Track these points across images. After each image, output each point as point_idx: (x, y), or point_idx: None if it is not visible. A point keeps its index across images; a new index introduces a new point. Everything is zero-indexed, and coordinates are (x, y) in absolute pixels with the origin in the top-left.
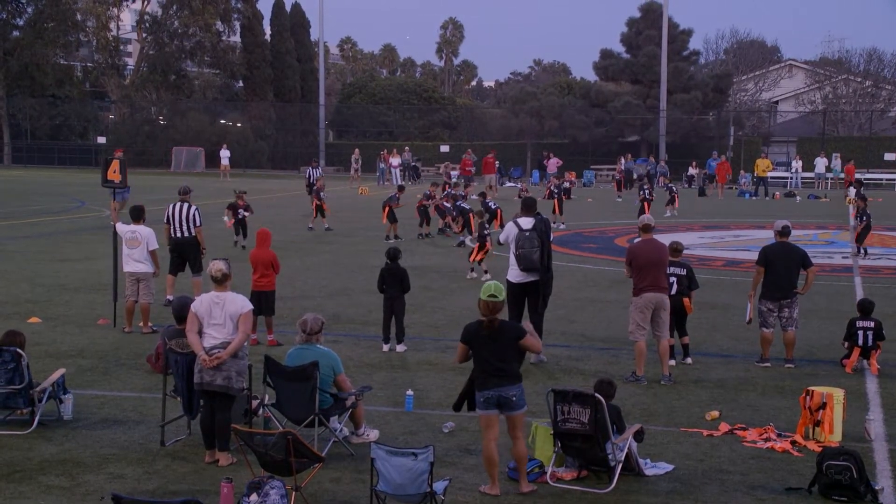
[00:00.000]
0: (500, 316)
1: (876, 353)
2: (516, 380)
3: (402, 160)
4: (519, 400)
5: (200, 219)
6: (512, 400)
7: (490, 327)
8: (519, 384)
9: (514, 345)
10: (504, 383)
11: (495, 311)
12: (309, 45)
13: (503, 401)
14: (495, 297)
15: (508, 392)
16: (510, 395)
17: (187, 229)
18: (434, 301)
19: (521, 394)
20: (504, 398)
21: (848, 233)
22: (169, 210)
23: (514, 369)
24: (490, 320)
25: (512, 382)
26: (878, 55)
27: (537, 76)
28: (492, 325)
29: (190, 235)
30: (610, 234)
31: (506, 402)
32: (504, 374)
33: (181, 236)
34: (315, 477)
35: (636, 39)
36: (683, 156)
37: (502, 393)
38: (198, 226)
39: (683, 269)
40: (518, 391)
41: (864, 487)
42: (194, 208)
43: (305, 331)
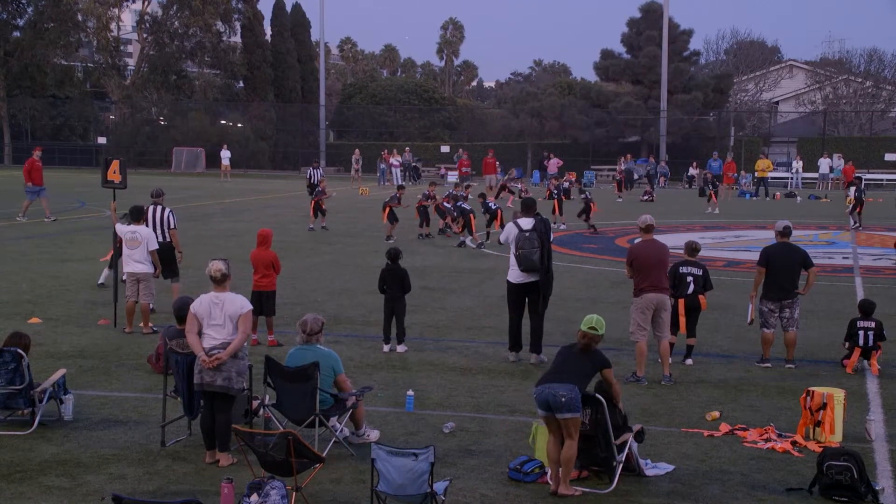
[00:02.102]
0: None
1: (877, 353)
2: (569, 381)
3: (403, 160)
4: (570, 402)
5: (175, 221)
6: (560, 399)
7: (587, 351)
8: (571, 386)
9: (593, 365)
10: (555, 380)
11: (593, 341)
12: (309, 46)
13: (552, 400)
14: (595, 330)
15: (558, 391)
16: (558, 393)
17: (161, 233)
18: (435, 301)
19: (575, 396)
20: (553, 396)
21: (848, 233)
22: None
23: (574, 376)
24: (585, 346)
25: (563, 382)
26: (878, 55)
27: (538, 76)
28: (587, 349)
29: (165, 239)
30: (610, 234)
31: (555, 402)
32: (562, 375)
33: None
34: (315, 477)
35: (637, 40)
36: (684, 156)
37: (551, 391)
38: (172, 228)
39: (700, 269)
40: (569, 393)
41: (864, 488)
42: (168, 210)
43: (306, 331)
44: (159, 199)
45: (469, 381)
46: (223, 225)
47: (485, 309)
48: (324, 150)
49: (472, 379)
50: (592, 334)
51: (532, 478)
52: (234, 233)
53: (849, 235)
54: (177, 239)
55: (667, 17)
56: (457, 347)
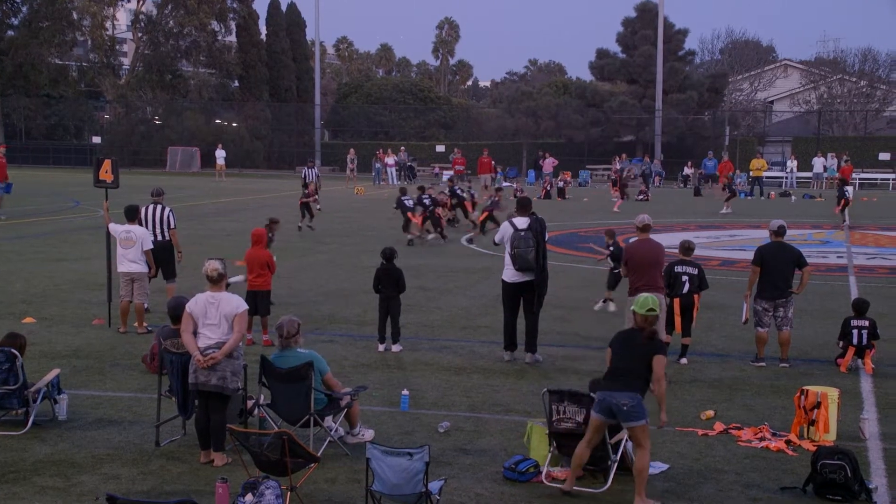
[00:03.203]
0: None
1: (870, 352)
2: (632, 388)
3: (399, 160)
4: (632, 410)
5: (175, 221)
6: (622, 408)
7: (650, 336)
8: (634, 393)
9: (648, 359)
10: (617, 388)
11: (653, 324)
12: (305, 45)
13: (614, 407)
14: (654, 311)
15: (619, 399)
16: (620, 402)
17: (161, 232)
18: (430, 301)
19: (637, 404)
20: (613, 404)
21: (843, 232)
22: (142, 212)
23: (635, 380)
24: (650, 332)
25: (624, 389)
26: (872, 55)
27: (533, 76)
28: (652, 337)
29: (164, 238)
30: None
31: (617, 410)
32: (621, 379)
33: (155, 239)
34: (310, 477)
35: (632, 39)
36: (679, 156)
37: (611, 398)
38: (172, 228)
39: (695, 268)
40: (631, 400)
41: (858, 486)
42: (168, 210)
43: (283, 335)
44: (160, 199)
45: (464, 380)
46: (218, 224)
47: (480, 308)
48: (319, 150)
49: (467, 378)
50: (652, 317)
51: (527, 477)
52: (229, 232)
53: (843, 234)
54: (177, 239)
55: (662, 16)
56: (452, 347)
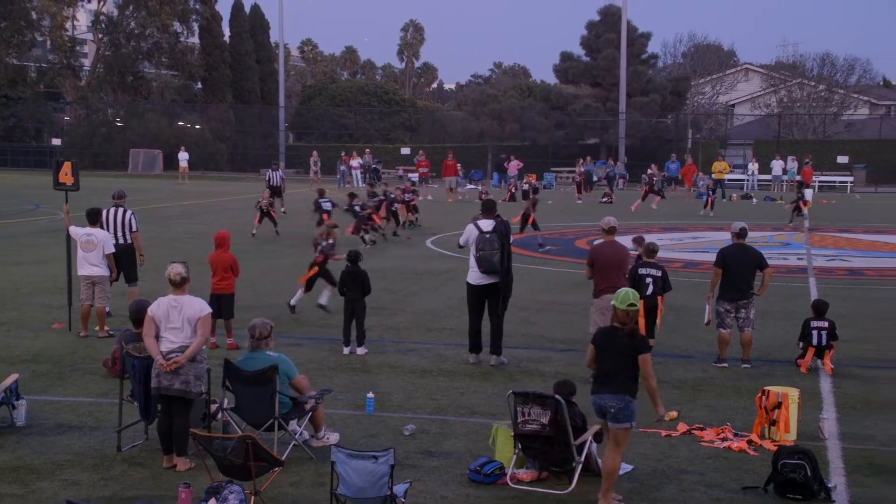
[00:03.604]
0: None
1: (830, 352)
2: (620, 391)
3: (363, 162)
4: (619, 412)
5: (136, 224)
6: (610, 410)
7: (631, 334)
8: (622, 395)
9: (633, 357)
10: (605, 391)
11: (633, 320)
12: (269, 47)
13: (605, 409)
14: (634, 306)
15: (607, 402)
16: (608, 404)
17: (122, 235)
18: (395, 304)
19: (625, 407)
20: (603, 406)
21: (803, 234)
22: (103, 215)
23: (623, 381)
24: (631, 328)
25: (613, 392)
26: (830, 60)
27: (497, 79)
28: (633, 334)
29: (125, 242)
30: (570, 236)
31: (605, 411)
32: (610, 382)
33: (116, 243)
34: (274, 481)
35: (595, 42)
36: (643, 158)
37: (601, 401)
38: (133, 231)
39: (659, 270)
40: (619, 403)
41: (818, 485)
42: (130, 213)
43: (254, 336)
44: (121, 201)
45: (429, 383)
46: (181, 227)
47: (445, 311)
48: (283, 152)
49: (433, 381)
50: (633, 311)
51: (492, 479)
52: (192, 235)
53: (803, 237)
54: (138, 242)
55: (625, 20)
56: (417, 349)
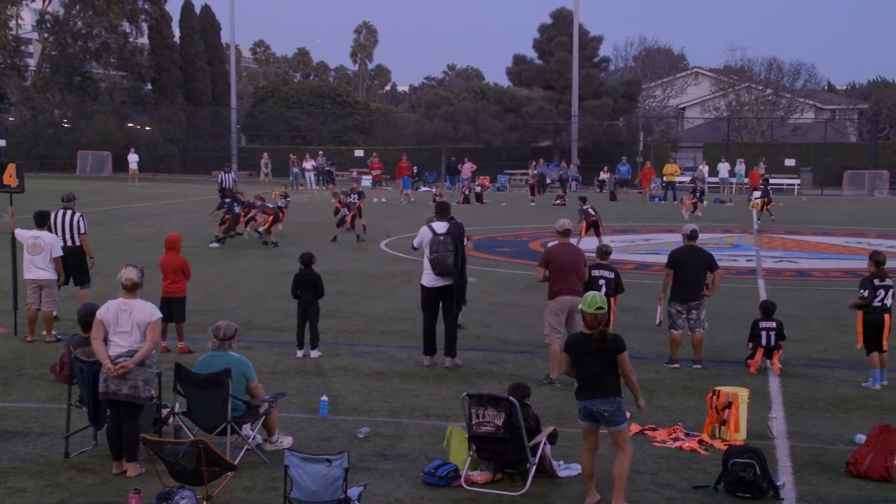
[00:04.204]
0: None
1: (778, 352)
2: (610, 394)
3: (317, 164)
4: (612, 416)
5: (85, 226)
6: (604, 415)
7: (601, 339)
8: (613, 398)
9: (612, 359)
10: (596, 396)
11: (602, 323)
12: (220, 48)
13: (597, 414)
14: (602, 308)
15: (600, 406)
16: (601, 409)
17: (71, 238)
18: (349, 306)
19: (617, 409)
20: (596, 412)
21: (752, 236)
22: (52, 218)
23: (609, 383)
24: (600, 332)
25: (604, 396)
26: (777, 64)
27: (451, 81)
28: (603, 338)
29: (74, 245)
30: (524, 238)
31: (599, 416)
32: (597, 387)
33: (64, 245)
34: (227, 485)
35: (548, 45)
36: (595, 161)
37: (593, 406)
38: (82, 233)
39: (612, 272)
40: (611, 406)
41: (766, 484)
42: (78, 215)
43: (219, 336)
44: (69, 204)
45: (384, 385)
46: (132, 230)
47: (399, 313)
48: (235, 154)
49: (387, 383)
50: (602, 314)
51: (446, 481)
52: (142, 238)
53: (752, 238)
54: (88, 244)
55: (577, 23)
56: (371, 352)
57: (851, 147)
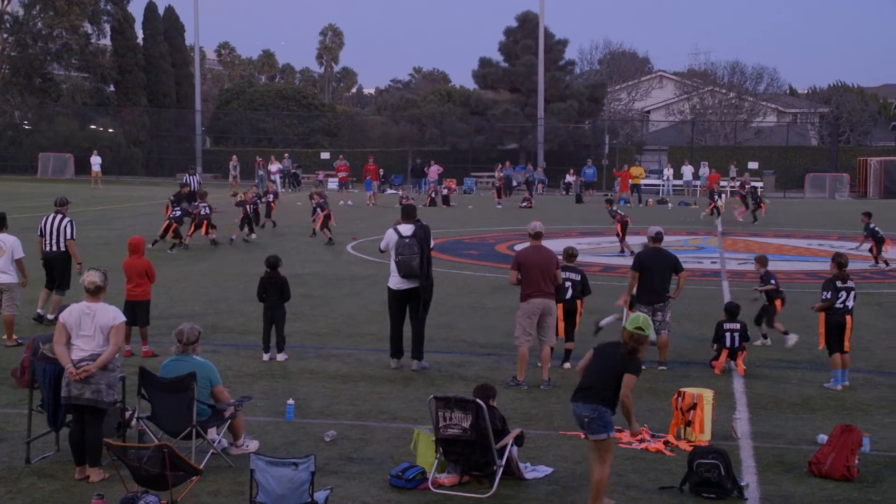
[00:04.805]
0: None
1: (742, 354)
2: (594, 401)
3: (283, 167)
4: (591, 423)
5: (73, 231)
6: (584, 420)
7: (629, 354)
8: (595, 405)
9: (618, 373)
10: (581, 400)
11: (640, 342)
12: (184, 50)
13: (578, 419)
14: (642, 330)
15: (581, 411)
16: (582, 414)
17: (56, 242)
18: (315, 309)
19: (598, 417)
20: (577, 415)
21: (716, 238)
22: (42, 222)
23: (600, 392)
24: (631, 350)
25: (587, 402)
26: (740, 68)
27: (417, 84)
28: (631, 354)
29: (59, 249)
30: (490, 240)
31: (580, 421)
32: (587, 392)
33: (50, 250)
34: (192, 490)
35: (514, 48)
36: (561, 163)
37: (576, 409)
38: (69, 238)
39: (578, 274)
40: (592, 413)
41: (731, 484)
42: (67, 220)
43: (182, 341)
44: (62, 209)
45: (350, 388)
46: (95, 233)
47: (366, 316)
48: (200, 156)
49: (354, 386)
50: (640, 335)
51: (413, 484)
52: (106, 241)
53: (716, 241)
54: (74, 249)
55: (542, 26)
56: (338, 355)
57: (813, 150)
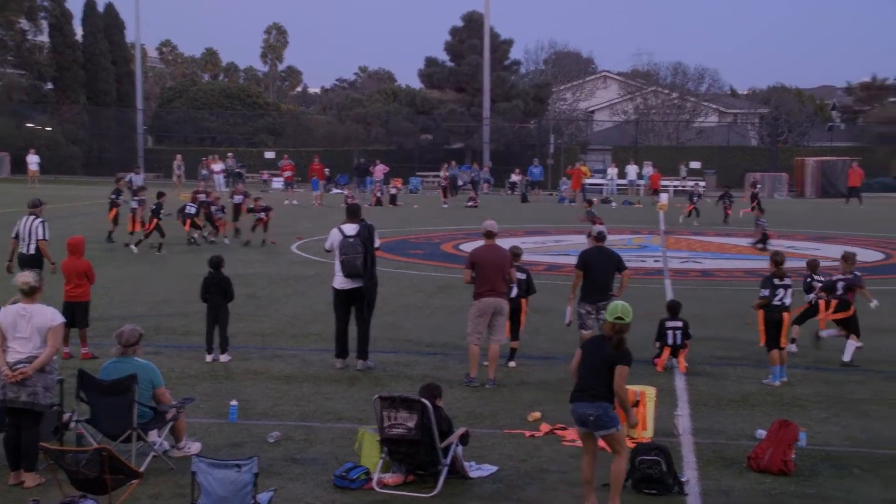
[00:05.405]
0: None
1: (684, 351)
2: (597, 399)
3: (227, 166)
4: (598, 420)
5: (45, 232)
6: (590, 419)
7: (616, 348)
8: (599, 403)
9: (610, 367)
10: (584, 399)
11: (623, 332)
12: (125, 47)
13: (583, 418)
14: (622, 319)
15: (586, 410)
16: (587, 413)
17: (28, 245)
18: (260, 309)
19: (603, 414)
20: (582, 415)
21: (659, 237)
22: (18, 224)
23: (599, 389)
24: (618, 341)
25: (591, 400)
26: (682, 69)
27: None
28: (618, 346)
29: (29, 252)
30: (436, 240)
31: (586, 420)
32: (587, 391)
33: (24, 252)
34: (132, 494)
35: (460, 48)
36: (507, 163)
37: (579, 410)
38: (41, 239)
39: (524, 273)
40: (597, 411)
41: (672, 480)
42: (39, 221)
43: (122, 342)
44: (35, 210)
45: (295, 389)
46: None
47: (311, 316)
48: (142, 156)
49: (298, 387)
50: (622, 324)
51: (358, 484)
52: None
53: (659, 240)
54: (46, 250)
55: (488, 26)
56: (282, 355)
57: (753, 150)
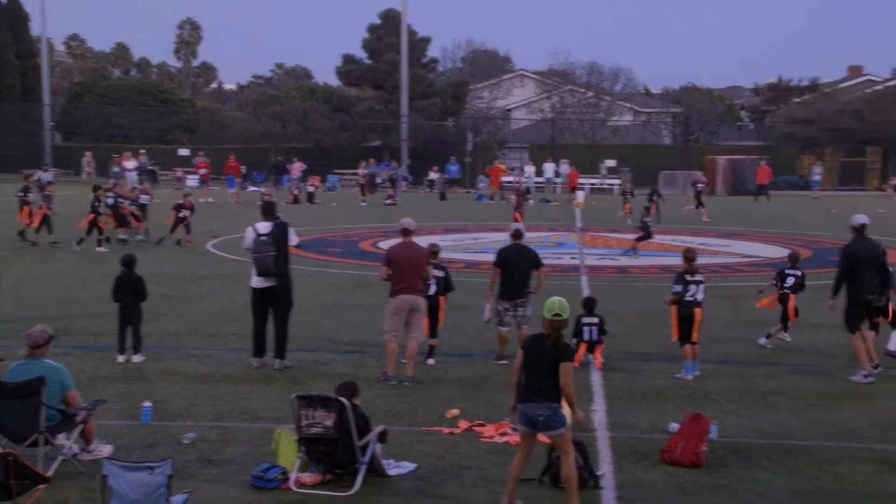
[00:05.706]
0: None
1: (600, 347)
2: (547, 399)
3: (140, 164)
4: (548, 420)
5: None
6: (539, 419)
7: (556, 345)
8: (549, 404)
9: (555, 365)
10: (533, 400)
11: (561, 328)
12: (30, 41)
13: (532, 418)
14: (560, 315)
15: (535, 410)
16: (536, 413)
17: None
18: (174, 309)
19: (553, 414)
20: (531, 415)
21: (576, 234)
22: None
23: (548, 389)
24: (556, 338)
25: (541, 401)
26: (598, 68)
27: (279, 80)
28: (557, 343)
29: None
30: (354, 238)
31: (535, 420)
32: (536, 391)
33: None
34: (39, 499)
35: (377, 46)
36: (425, 160)
37: (528, 410)
38: None
39: (442, 271)
40: (547, 411)
41: (587, 474)
42: None
43: (31, 344)
44: None
45: (210, 389)
46: None
47: (228, 315)
48: (50, 152)
49: (214, 387)
50: (559, 321)
51: (275, 484)
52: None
53: (575, 237)
54: None
55: (405, 24)
56: (197, 355)
57: (666, 149)
